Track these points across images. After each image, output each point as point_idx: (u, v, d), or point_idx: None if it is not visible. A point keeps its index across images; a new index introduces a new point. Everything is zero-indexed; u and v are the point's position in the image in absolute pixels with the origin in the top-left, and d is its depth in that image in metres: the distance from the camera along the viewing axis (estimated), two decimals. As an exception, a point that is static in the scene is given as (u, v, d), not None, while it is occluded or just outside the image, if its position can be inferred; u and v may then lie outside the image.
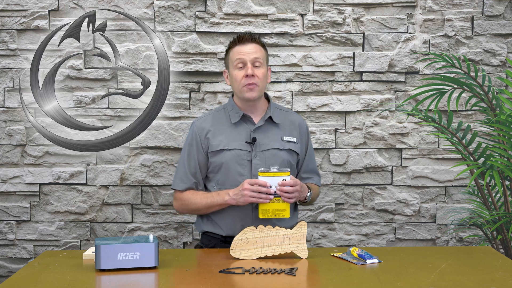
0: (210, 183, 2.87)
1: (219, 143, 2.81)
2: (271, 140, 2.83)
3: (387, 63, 3.65)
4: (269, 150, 2.81)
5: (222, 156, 2.80)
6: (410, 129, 3.67)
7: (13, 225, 3.66)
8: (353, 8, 3.64)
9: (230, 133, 2.83)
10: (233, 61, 2.80)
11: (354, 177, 3.70)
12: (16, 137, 3.61)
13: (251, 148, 2.80)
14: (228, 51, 2.85)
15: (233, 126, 2.84)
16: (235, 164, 2.79)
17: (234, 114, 2.85)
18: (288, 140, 2.87)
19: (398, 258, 2.53)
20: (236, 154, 2.79)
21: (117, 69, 3.61)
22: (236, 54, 2.79)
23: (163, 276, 2.27)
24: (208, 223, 2.86)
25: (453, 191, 3.71)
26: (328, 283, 2.21)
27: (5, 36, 3.58)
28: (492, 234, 3.59)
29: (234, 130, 2.84)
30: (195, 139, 2.86)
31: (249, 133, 2.82)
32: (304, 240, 2.51)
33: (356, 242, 3.73)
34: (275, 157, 2.81)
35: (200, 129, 2.87)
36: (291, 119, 2.94)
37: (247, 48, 2.78)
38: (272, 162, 2.79)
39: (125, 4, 3.59)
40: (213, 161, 2.82)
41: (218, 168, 2.82)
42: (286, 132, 2.89)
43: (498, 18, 3.65)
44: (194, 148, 2.86)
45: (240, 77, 2.77)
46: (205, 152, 2.85)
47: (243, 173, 2.78)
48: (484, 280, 2.20)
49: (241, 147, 2.80)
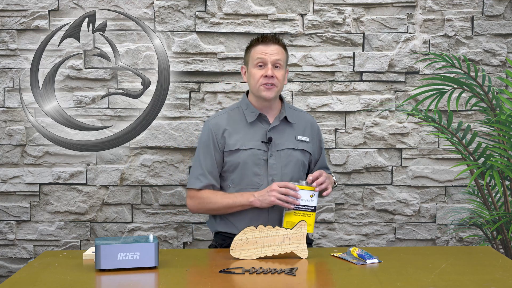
0: (224, 182, 2.87)
1: (235, 142, 2.81)
2: (286, 140, 2.85)
3: (387, 63, 3.65)
4: (284, 150, 2.83)
5: (239, 156, 2.80)
6: (410, 129, 3.67)
7: (13, 225, 3.66)
8: (353, 8, 3.64)
9: (246, 133, 2.83)
10: (253, 59, 2.80)
11: (354, 177, 3.70)
12: (16, 137, 3.61)
13: (266, 148, 2.81)
14: (250, 48, 2.85)
15: (249, 125, 2.85)
16: (251, 164, 2.79)
17: (250, 113, 2.85)
18: (302, 139, 2.89)
19: (398, 258, 2.53)
20: (252, 153, 2.80)
21: (117, 69, 3.61)
22: (257, 53, 2.79)
23: (163, 276, 2.27)
24: (222, 223, 2.86)
25: (453, 191, 3.71)
26: (328, 283, 2.21)
27: (5, 36, 3.58)
28: (492, 234, 3.59)
29: (250, 129, 2.84)
30: (212, 138, 2.84)
31: (264, 132, 2.83)
32: (304, 240, 2.51)
33: (356, 242, 3.73)
34: (290, 157, 2.84)
35: (216, 127, 2.85)
36: (304, 118, 2.97)
37: (270, 49, 2.79)
38: (286, 162, 2.81)
39: (125, 4, 3.59)
40: (229, 161, 2.82)
41: (234, 168, 2.82)
42: (299, 132, 2.91)
43: (498, 18, 3.65)
44: (211, 146, 2.84)
45: (258, 76, 2.78)
46: (221, 151, 2.84)
47: (259, 173, 2.79)
48: (484, 280, 2.20)
49: (257, 147, 2.81)
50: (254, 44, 2.83)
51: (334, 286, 2.15)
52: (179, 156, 3.65)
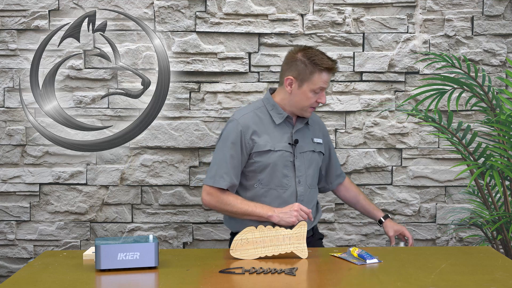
0: (250, 181, 2.85)
1: (265, 144, 2.80)
2: (307, 142, 2.88)
3: (387, 63, 3.65)
4: (306, 152, 2.86)
5: (269, 157, 2.80)
6: (410, 129, 3.67)
7: (13, 225, 3.66)
8: (353, 8, 3.64)
9: (274, 134, 2.83)
10: (315, 84, 2.77)
11: (354, 177, 3.70)
12: (16, 137, 3.61)
13: (292, 150, 2.82)
14: (314, 68, 2.77)
15: (276, 126, 2.85)
16: (281, 165, 2.80)
17: (277, 115, 2.85)
18: (317, 141, 2.94)
19: (398, 258, 2.53)
20: (282, 155, 2.80)
21: (117, 69, 3.61)
22: (321, 81, 2.77)
23: (163, 276, 2.27)
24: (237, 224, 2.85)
25: (453, 191, 3.71)
26: (328, 283, 2.21)
27: (5, 36, 3.58)
28: (492, 234, 3.59)
29: (277, 131, 2.84)
30: (241, 138, 2.80)
31: (290, 134, 2.84)
32: (304, 240, 2.51)
33: (356, 242, 3.73)
34: (311, 159, 2.89)
35: (245, 127, 2.81)
36: (315, 119, 3.01)
37: (330, 78, 2.83)
38: (309, 164, 2.86)
39: (125, 4, 3.59)
40: (258, 161, 2.81)
41: (263, 168, 2.81)
42: (315, 134, 2.95)
43: (498, 18, 3.65)
44: (238, 146, 2.80)
45: (313, 101, 2.80)
46: (247, 152, 2.82)
47: (288, 174, 2.81)
48: (484, 280, 2.20)
49: (286, 149, 2.82)
50: (321, 69, 2.77)
51: (334, 286, 2.15)
52: (179, 156, 3.65)
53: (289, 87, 2.81)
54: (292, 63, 2.81)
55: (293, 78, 2.80)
